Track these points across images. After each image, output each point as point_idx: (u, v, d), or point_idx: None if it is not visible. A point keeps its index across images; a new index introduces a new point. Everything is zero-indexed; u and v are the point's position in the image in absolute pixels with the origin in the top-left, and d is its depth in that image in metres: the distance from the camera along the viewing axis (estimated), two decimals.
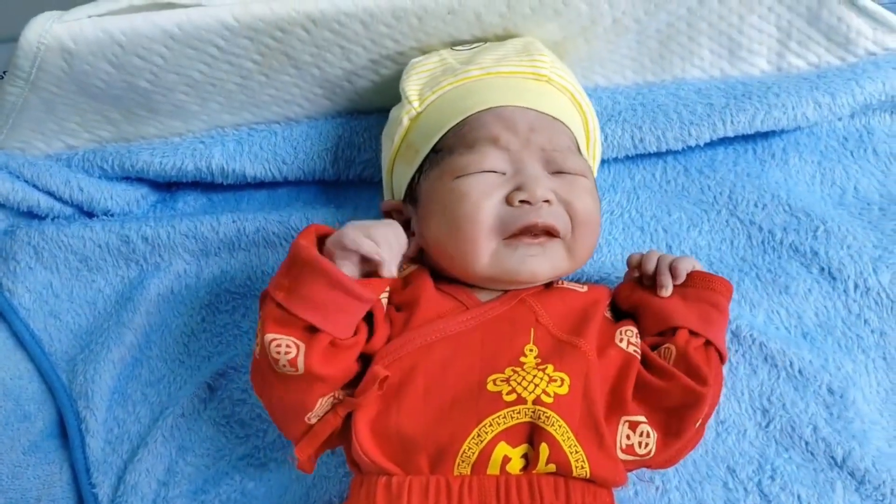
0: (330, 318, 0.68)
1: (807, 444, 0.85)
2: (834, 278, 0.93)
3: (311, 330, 0.68)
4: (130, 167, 0.99)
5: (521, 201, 0.75)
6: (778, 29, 0.98)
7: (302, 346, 0.68)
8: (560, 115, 0.82)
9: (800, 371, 0.87)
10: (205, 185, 1.04)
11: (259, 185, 1.03)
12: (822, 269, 0.93)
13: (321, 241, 0.74)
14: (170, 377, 0.95)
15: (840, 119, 1.02)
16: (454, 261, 0.78)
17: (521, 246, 0.76)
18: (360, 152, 1.00)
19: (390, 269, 0.74)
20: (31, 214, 1.02)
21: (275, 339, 0.68)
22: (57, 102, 0.94)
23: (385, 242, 0.73)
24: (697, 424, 0.76)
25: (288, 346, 0.68)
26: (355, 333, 0.71)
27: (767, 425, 0.86)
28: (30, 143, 1.00)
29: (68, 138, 1.00)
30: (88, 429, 0.92)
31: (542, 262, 0.77)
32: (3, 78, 0.90)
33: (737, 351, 0.89)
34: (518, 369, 0.72)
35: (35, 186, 0.99)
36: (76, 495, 0.91)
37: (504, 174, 0.78)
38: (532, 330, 0.75)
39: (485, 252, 0.76)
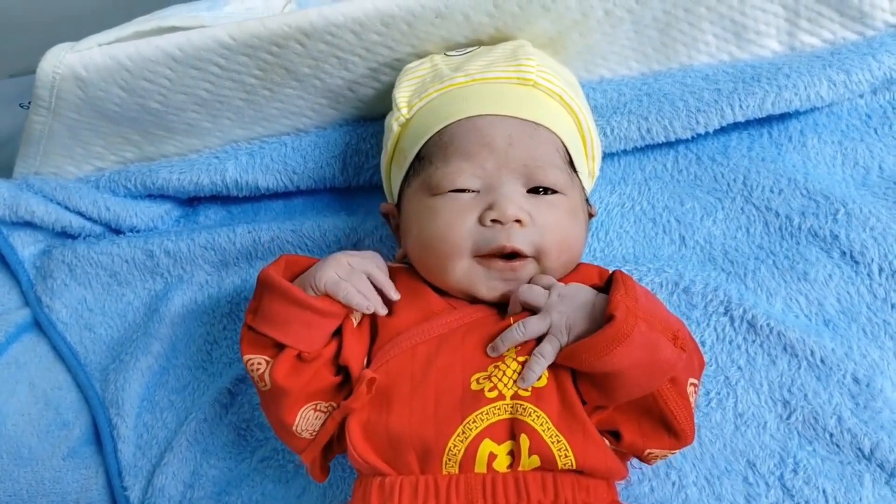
0: (291, 332, 0.73)
1: (831, 435, 0.82)
2: (856, 262, 0.89)
3: (279, 347, 0.74)
4: (152, 185, 1.04)
5: (493, 220, 0.76)
6: (784, 7, 0.95)
7: (271, 361, 0.74)
8: (545, 120, 0.81)
9: (822, 360, 0.85)
10: (224, 199, 1.08)
11: (275, 195, 1.06)
12: (844, 253, 0.90)
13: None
14: (194, 384, 0.99)
15: (861, 96, 0.98)
16: (429, 272, 0.81)
17: (494, 269, 0.77)
18: (367, 158, 1.01)
19: (380, 311, 0.77)
20: (65, 234, 1.07)
21: (250, 359, 0.75)
22: (79, 128, 0.99)
23: (370, 291, 0.76)
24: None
25: (259, 363, 0.75)
26: (325, 347, 0.75)
27: (789, 417, 0.84)
28: (62, 167, 1.06)
29: (96, 161, 1.06)
30: (120, 435, 0.96)
31: (512, 286, 0.77)
32: (28, 108, 0.96)
33: (754, 341, 0.87)
34: (499, 363, 0.72)
35: (66, 208, 1.05)
36: (110, 498, 0.95)
37: (478, 192, 0.78)
38: (511, 318, 0.75)
39: (457, 269, 0.77)
